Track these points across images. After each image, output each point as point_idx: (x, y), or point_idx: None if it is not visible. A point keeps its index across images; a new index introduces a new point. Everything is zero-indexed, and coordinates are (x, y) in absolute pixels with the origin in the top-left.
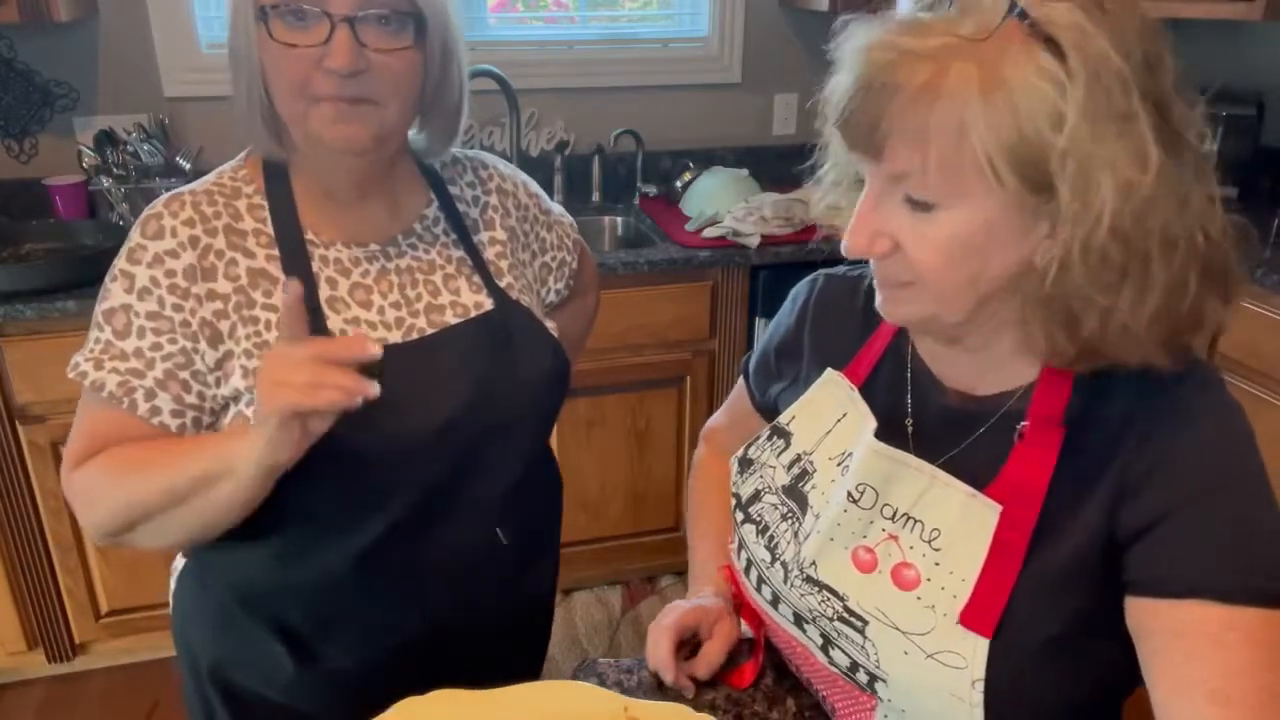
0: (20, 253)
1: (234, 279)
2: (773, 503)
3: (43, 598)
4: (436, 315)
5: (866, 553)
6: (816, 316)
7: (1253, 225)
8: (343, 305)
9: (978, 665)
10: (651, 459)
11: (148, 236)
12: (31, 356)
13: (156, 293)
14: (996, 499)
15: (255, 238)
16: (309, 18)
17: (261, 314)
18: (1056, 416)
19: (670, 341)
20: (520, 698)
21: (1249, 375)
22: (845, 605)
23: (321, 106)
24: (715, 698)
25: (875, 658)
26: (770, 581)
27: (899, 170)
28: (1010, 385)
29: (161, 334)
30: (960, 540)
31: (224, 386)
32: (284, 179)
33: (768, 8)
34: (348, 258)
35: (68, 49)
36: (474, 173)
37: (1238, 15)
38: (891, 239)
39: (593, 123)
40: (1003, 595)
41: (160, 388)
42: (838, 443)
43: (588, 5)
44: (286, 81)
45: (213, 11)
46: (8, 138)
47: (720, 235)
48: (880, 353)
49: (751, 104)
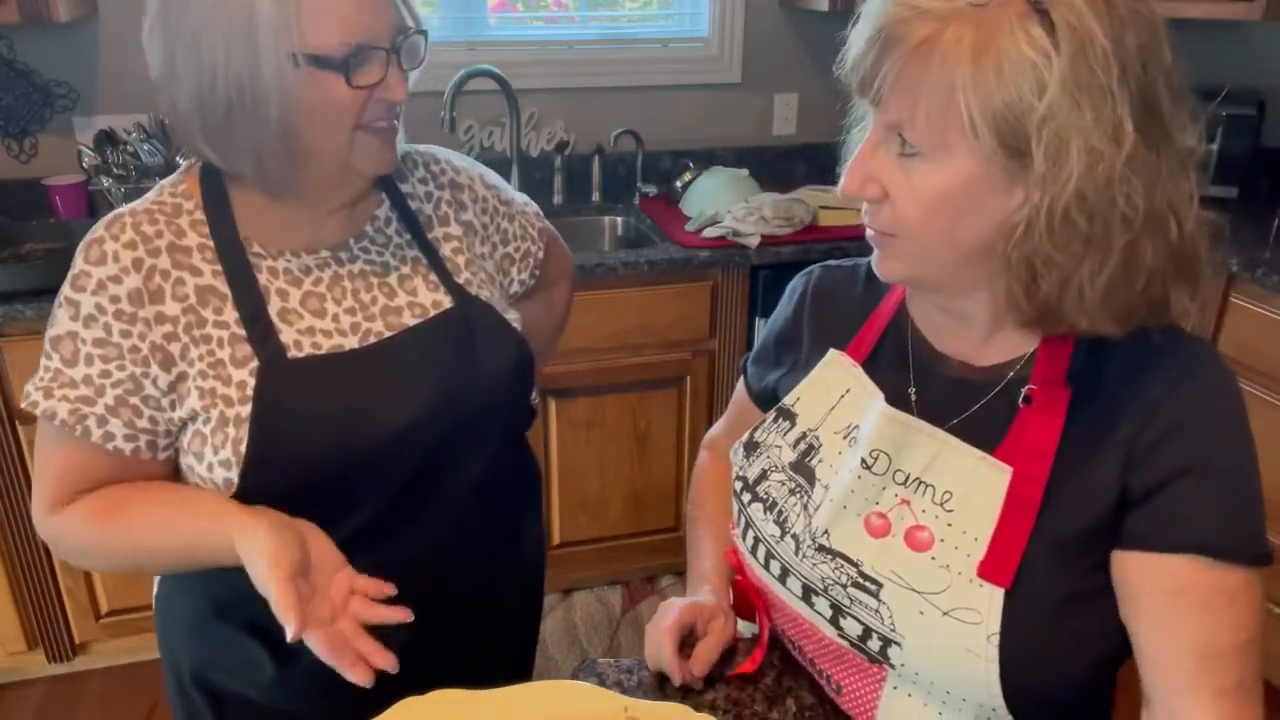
0: (20, 253)
1: (182, 299)
2: (780, 480)
3: (43, 598)
4: (394, 317)
5: (879, 518)
6: (815, 303)
7: (1253, 225)
8: (295, 317)
9: (993, 619)
10: (651, 459)
11: (90, 262)
12: (31, 356)
13: (102, 319)
14: (1006, 460)
15: (201, 254)
16: (365, 55)
17: (213, 332)
18: (1060, 378)
19: (670, 341)
20: (520, 698)
21: (1249, 375)
22: (860, 570)
23: (366, 136)
24: (715, 698)
25: (890, 621)
26: (780, 556)
27: (893, 119)
28: (1010, 355)
29: (110, 361)
30: (972, 501)
31: (179, 409)
32: (221, 193)
33: (768, 8)
34: (298, 266)
35: (68, 49)
36: (425, 168)
37: (1238, 15)
38: (881, 185)
39: (593, 123)
40: (1018, 548)
41: (111, 414)
42: (843, 417)
43: (588, 5)
44: (343, 120)
45: None
46: (8, 138)
47: (720, 235)
48: (881, 331)
49: (751, 104)
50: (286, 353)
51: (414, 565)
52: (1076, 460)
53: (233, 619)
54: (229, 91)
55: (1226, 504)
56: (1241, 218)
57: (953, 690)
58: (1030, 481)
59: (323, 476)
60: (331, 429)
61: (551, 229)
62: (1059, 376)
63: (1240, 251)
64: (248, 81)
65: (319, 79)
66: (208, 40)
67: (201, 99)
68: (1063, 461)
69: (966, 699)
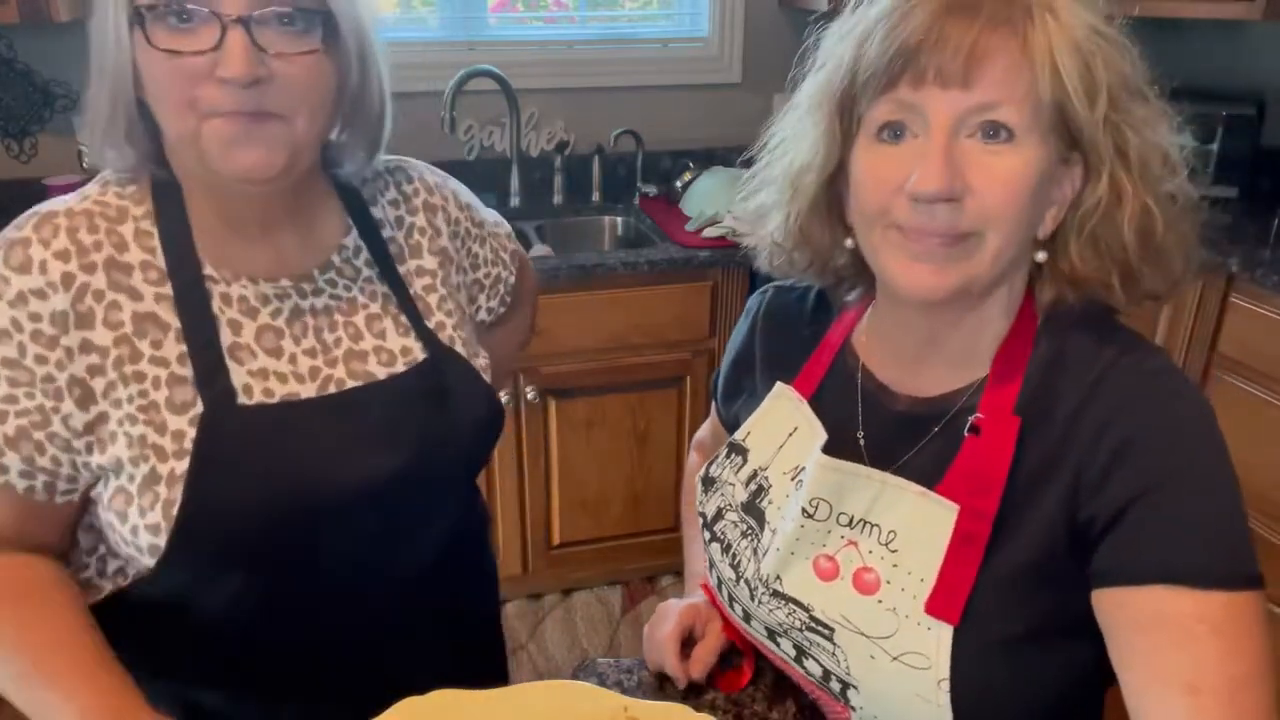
0: None
1: (115, 326)
2: (734, 520)
3: None
4: (358, 364)
5: (827, 560)
6: (765, 328)
7: (1253, 225)
8: (248, 355)
9: (942, 664)
10: (651, 459)
11: (11, 267)
12: None
13: (17, 338)
14: (949, 494)
15: (143, 272)
16: (195, 19)
17: (149, 369)
18: (1008, 407)
19: (670, 341)
20: (520, 698)
21: (1249, 375)
22: (811, 615)
23: (215, 124)
24: (715, 698)
25: (845, 664)
26: (738, 599)
27: (992, 99)
28: (960, 384)
29: (18, 385)
30: (916, 540)
31: (98, 454)
32: (178, 201)
33: (768, 8)
34: (254, 295)
35: (68, 49)
36: (397, 189)
37: (1238, 15)
38: (964, 179)
39: (593, 123)
40: (966, 584)
41: (9, 446)
42: (790, 457)
43: (588, 5)
44: (172, 96)
45: None
46: (8, 138)
47: (720, 235)
48: (828, 364)
49: (751, 104)
50: (235, 399)
51: (382, 619)
52: (1027, 493)
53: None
54: (95, 65)
55: (1192, 524)
56: (1241, 218)
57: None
58: (978, 517)
59: (265, 541)
60: (280, 490)
61: (521, 250)
62: (1008, 405)
63: (1240, 251)
64: (97, 42)
65: (139, 41)
66: (95, 11)
67: (94, 87)
68: (1013, 494)
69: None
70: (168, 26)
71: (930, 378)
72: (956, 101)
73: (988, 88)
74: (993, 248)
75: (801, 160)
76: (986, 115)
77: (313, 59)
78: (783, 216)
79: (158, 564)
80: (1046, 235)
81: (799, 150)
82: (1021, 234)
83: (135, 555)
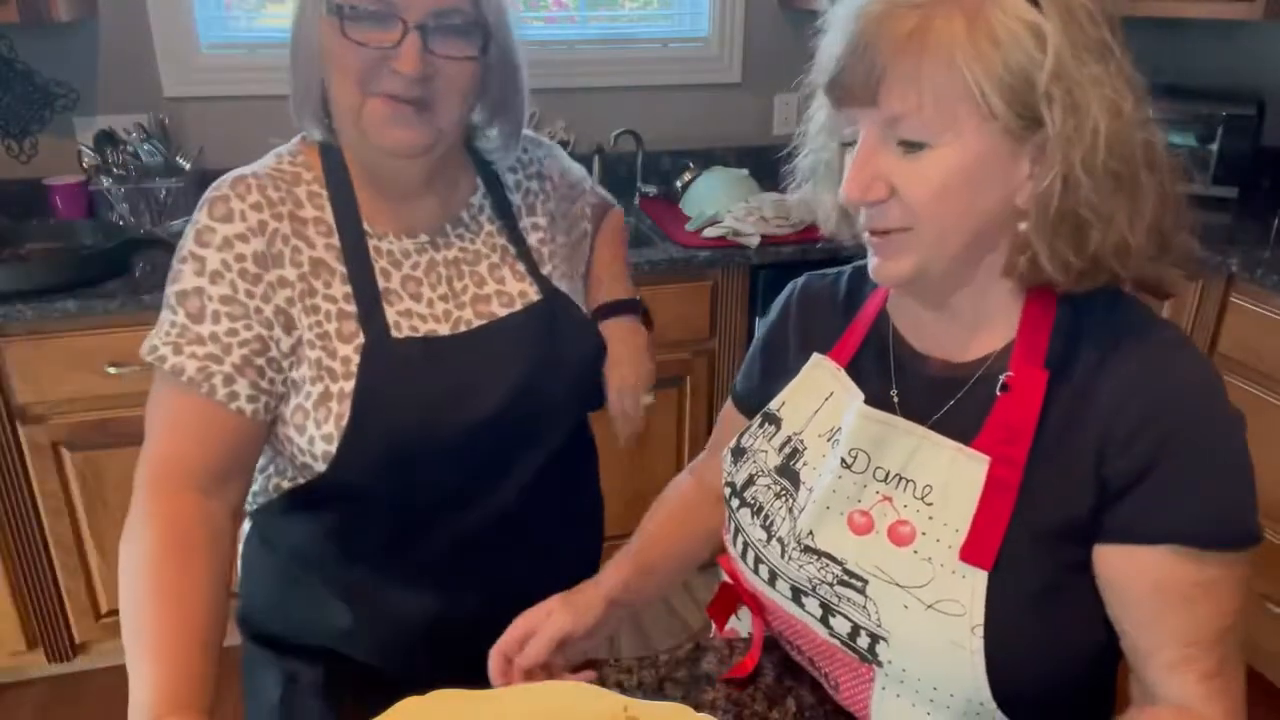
0: (20, 253)
1: (298, 266)
2: (766, 484)
3: (43, 598)
4: (483, 306)
5: (862, 516)
6: (801, 310)
7: (1253, 225)
8: (395, 298)
9: (976, 610)
10: (651, 459)
11: (215, 219)
12: (31, 356)
13: (228, 276)
14: (984, 449)
15: (315, 226)
16: (384, 20)
17: (322, 304)
18: (1038, 361)
19: (670, 341)
20: (520, 697)
21: (1249, 375)
22: (844, 568)
23: (376, 103)
24: (715, 698)
25: (876, 616)
26: (767, 559)
27: (894, 112)
28: (989, 349)
29: (236, 319)
30: (952, 493)
31: (295, 371)
32: (342, 167)
33: (768, 8)
34: (399, 250)
35: (68, 49)
36: (517, 158)
37: (1238, 15)
38: (886, 183)
39: (593, 123)
40: (999, 531)
41: (238, 373)
42: (826, 420)
43: (588, 5)
44: (349, 74)
45: (212, 11)
46: (8, 138)
47: (720, 235)
48: (863, 335)
49: (751, 104)
50: (389, 333)
51: (486, 535)
52: (1053, 447)
53: (313, 573)
54: (295, 46)
55: (1208, 490)
56: (1241, 218)
57: (940, 686)
58: (1008, 464)
59: (411, 454)
60: (425, 410)
61: (598, 193)
62: (1037, 361)
63: (1240, 251)
64: (297, 27)
65: (329, 26)
66: (297, 3)
67: (293, 64)
68: (1041, 448)
69: (955, 695)
70: (360, 23)
71: (956, 344)
72: (872, 117)
73: (890, 102)
74: (928, 238)
75: (826, 154)
76: (896, 127)
77: (469, 63)
78: (830, 198)
79: (328, 467)
80: (1025, 204)
81: (821, 143)
82: (962, 224)
83: (310, 462)
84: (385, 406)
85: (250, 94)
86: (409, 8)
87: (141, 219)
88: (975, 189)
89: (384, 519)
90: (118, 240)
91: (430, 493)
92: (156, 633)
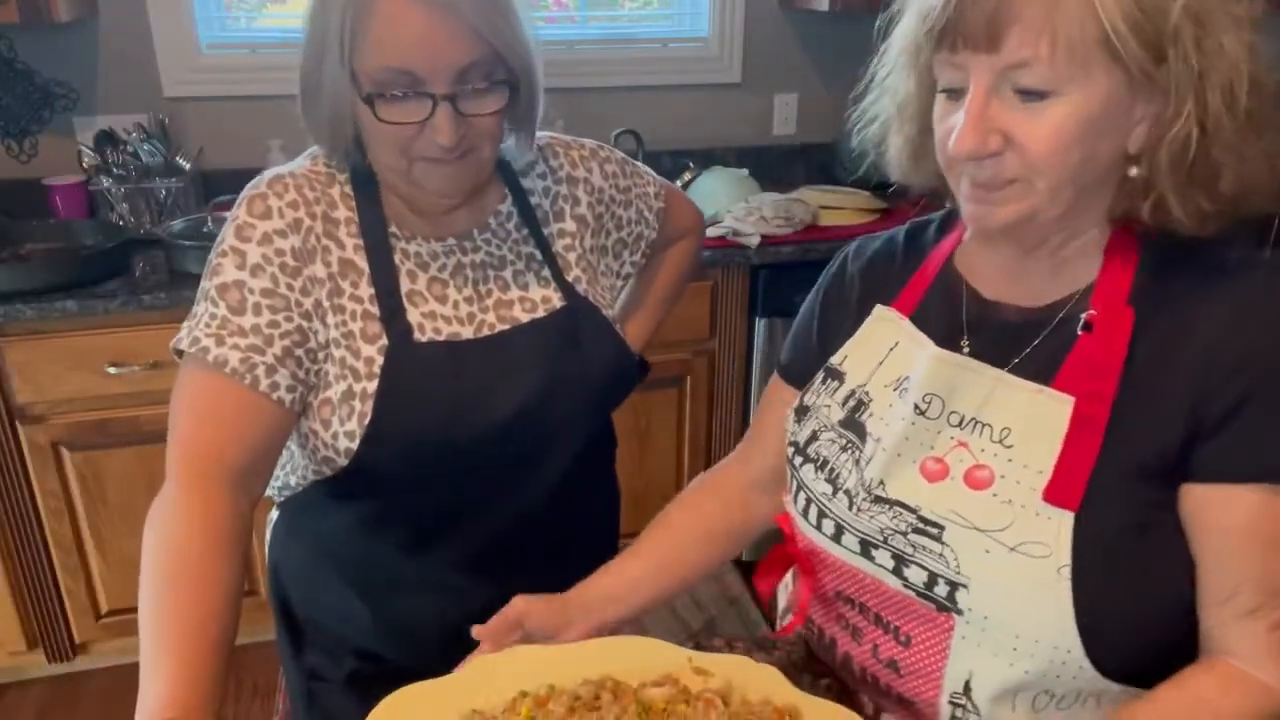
0: (20, 253)
1: (328, 264)
2: (830, 438)
3: (43, 598)
4: (506, 310)
5: (935, 463)
6: (861, 267)
7: (1252, 226)
8: (420, 299)
9: (1063, 550)
10: (651, 459)
11: (255, 215)
12: (31, 356)
13: (269, 270)
14: (1064, 389)
15: (345, 226)
16: (411, 98)
17: (348, 304)
18: (1122, 299)
19: (670, 342)
20: (584, 651)
21: None
22: (919, 515)
23: (424, 165)
24: None
25: (955, 563)
26: (833, 513)
27: (1019, 59)
28: (1068, 291)
29: (278, 311)
30: (1032, 435)
31: (324, 365)
32: (371, 174)
33: (768, 8)
34: (427, 252)
35: (68, 49)
36: (544, 164)
37: None
38: (1001, 135)
39: (593, 123)
40: (1085, 469)
41: (279, 364)
42: (892, 370)
43: (588, 5)
44: (391, 146)
45: (212, 11)
46: (8, 138)
47: (720, 235)
48: (927, 285)
49: (751, 104)
50: (412, 335)
51: (506, 536)
52: (1143, 383)
53: (336, 566)
54: (305, 83)
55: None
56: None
57: (1023, 634)
58: (1096, 400)
59: (432, 456)
60: (447, 413)
61: (672, 193)
62: (1121, 299)
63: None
64: (313, 82)
65: (366, 112)
66: (310, 48)
67: (310, 110)
68: (1129, 384)
69: (1040, 641)
70: (391, 104)
71: (1033, 289)
72: (988, 64)
73: (1015, 48)
74: (1044, 189)
75: (902, 94)
76: (1017, 75)
77: (500, 113)
78: (899, 138)
79: (350, 462)
80: (1138, 150)
81: (899, 84)
82: (1080, 172)
83: (333, 456)
84: (407, 408)
85: (250, 94)
86: (434, 81)
87: (141, 219)
88: (1096, 138)
89: (406, 517)
90: (118, 240)
91: (453, 490)
92: (176, 627)
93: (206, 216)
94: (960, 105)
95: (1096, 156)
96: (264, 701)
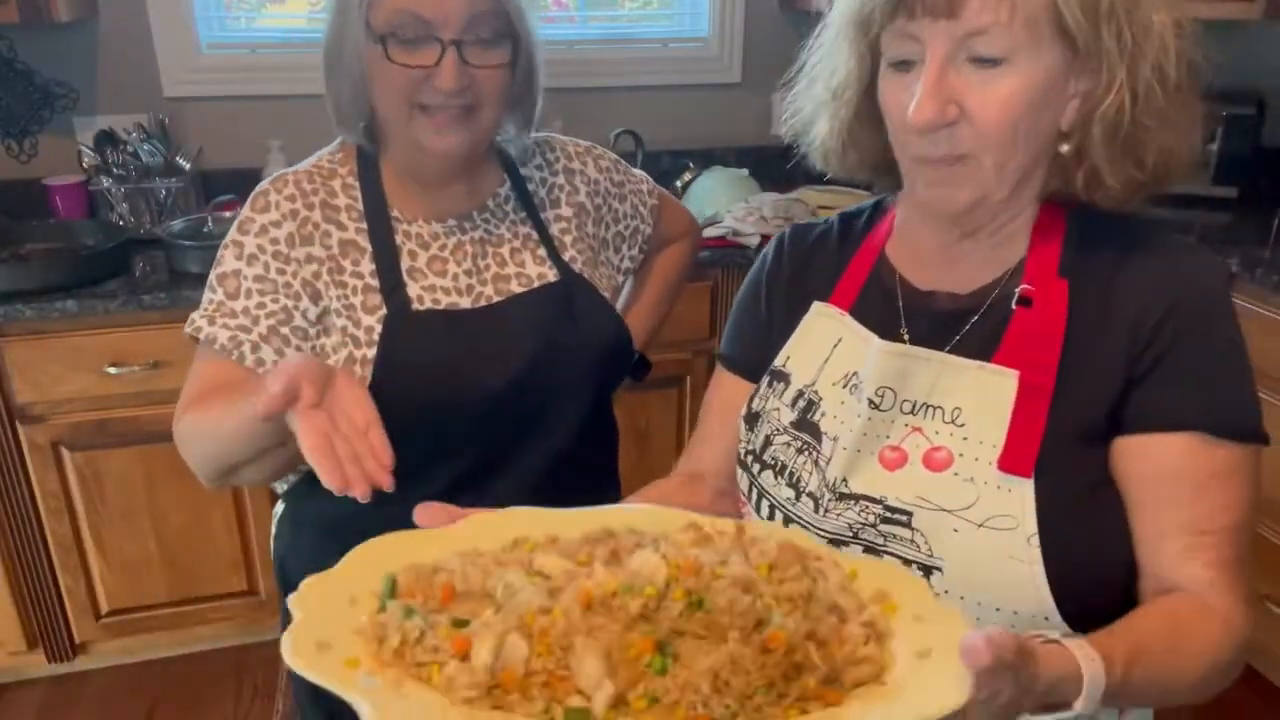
0: (20, 253)
1: (327, 246)
2: (785, 442)
3: (43, 598)
4: (503, 284)
5: (893, 451)
6: (793, 257)
7: (1253, 225)
8: (420, 275)
9: (1029, 520)
10: (651, 459)
11: (255, 210)
12: (31, 356)
13: (263, 258)
14: (1007, 363)
15: (347, 213)
16: (423, 41)
17: (349, 279)
18: (1053, 272)
19: (670, 341)
20: (587, 513)
21: None
22: (885, 505)
23: (425, 116)
24: None
25: (927, 547)
26: (798, 518)
27: (977, 25)
28: (998, 273)
29: (265, 294)
30: (982, 411)
31: (323, 339)
32: (375, 165)
33: (768, 8)
34: (428, 233)
35: (68, 49)
36: (542, 156)
37: (1238, 15)
38: (958, 105)
39: (592, 123)
40: (1035, 438)
41: (264, 341)
42: (839, 367)
43: (588, 5)
44: (396, 92)
45: (212, 11)
46: (8, 138)
47: (720, 235)
48: (863, 278)
49: (751, 104)
50: (410, 305)
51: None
52: (1084, 349)
53: (341, 554)
54: (333, 62)
55: (1222, 382)
56: (1241, 218)
57: (1002, 607)
58: (1041, 370)
59: (431, 421)
60: (444, 377)
61: (665, 195)
62: (1052, 272)
63: (1240, 252)
64: (336, 43)
65: (373, 52)
66: (333, 21)
67: (331, 78)
68: (1070, 351)
69: (1018, 612)
70: (401, 46)
71: (965, 275)
72: (946, 31)
73: (975, 13)
74: (990, 166)
75: (840, 76)
76: (974, 43)
77: (503, 69)
78: (830, 124)
79: None
80: (1069, 127)
81: (836, 66)
82: (1023, 147)
83: None
84: (404, 374)
85: (250, 94)
86: (444, 26)
87: (141, 219)
88: (1040, 110)
89: (406, 495)
90: (118, 240)
91: (453, 466)
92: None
93: (206, 216)
94: (911, 77)
95: (1038, 130)
96: (264, 702)
